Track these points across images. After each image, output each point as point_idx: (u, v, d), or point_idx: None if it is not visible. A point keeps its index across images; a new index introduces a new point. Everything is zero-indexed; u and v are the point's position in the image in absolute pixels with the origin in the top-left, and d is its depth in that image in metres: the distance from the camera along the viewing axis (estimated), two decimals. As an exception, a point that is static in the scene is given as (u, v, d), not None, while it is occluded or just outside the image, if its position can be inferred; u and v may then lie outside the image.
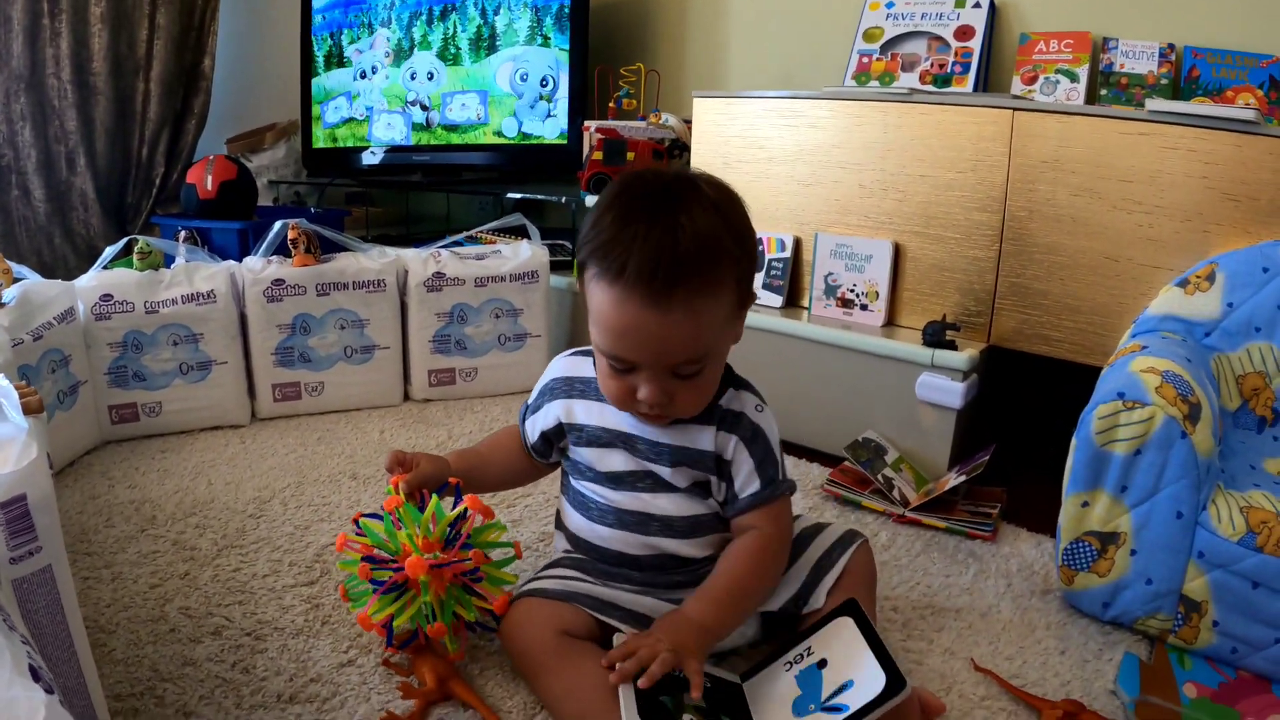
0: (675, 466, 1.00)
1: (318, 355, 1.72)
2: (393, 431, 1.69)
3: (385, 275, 1.74)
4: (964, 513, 1.39)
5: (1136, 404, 1.07)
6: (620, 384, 0.94)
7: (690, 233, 0.87)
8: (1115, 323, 1.44)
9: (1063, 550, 1.15)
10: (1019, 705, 0.98)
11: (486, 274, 1.83)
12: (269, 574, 1.17)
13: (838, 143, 1.69)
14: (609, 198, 0.93)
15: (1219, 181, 1.35)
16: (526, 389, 1.92)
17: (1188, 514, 1.06)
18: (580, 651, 0.93)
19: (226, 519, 1.32)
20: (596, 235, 0.90)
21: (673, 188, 0.91)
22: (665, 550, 1.02)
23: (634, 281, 0.86)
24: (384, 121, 2.70)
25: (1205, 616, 1.06)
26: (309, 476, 1.48)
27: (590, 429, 1.03)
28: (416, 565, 0.94)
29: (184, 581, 1.15)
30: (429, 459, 1.07)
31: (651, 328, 0.88)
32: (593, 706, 0.88)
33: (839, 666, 0.89)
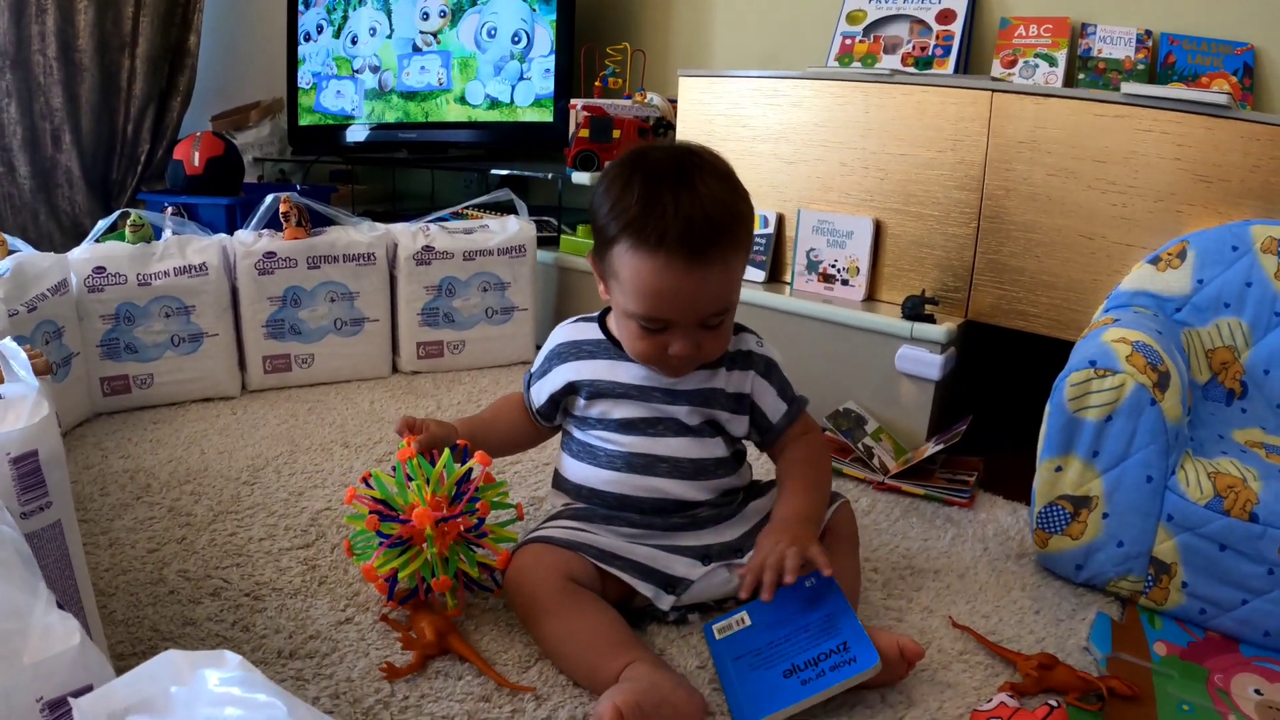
0: (692, 406, 1.05)
1: (308, 327, 1.72)
2: (382, 402, 1.70)
3: (375, 249, 1.75)
4: (942, 480, 1.42)
5: (1108, 372, 1.10)
6: (652, 343, 1.00)
7: (712, 198, 0.95)
8: (1089, 298, 1.47)
9: (1037, 514, 1.18)
10: (995, 659, 1.01)
11: (475, 248, 1.84)
12: (265, 538, 1.18)
13: (820, 122, 1.71)
14: (625, 175, 0.98)
15: (1191, 163, 1.38)
16: (514, 361, 1.97)
17: (1157, 478, 1.09)
18: (584, 597, 0.96)
19: (221, 486, 1.33)
20: (625, 211, 0.95)
21: (683, 160, 0.98)
22: (667, 493, 1.06)
23: (674, 247, 0.93)
24: (332, 89, 2.67)
25: (1174, 578, 1.10)
26: (301, 445, 1.49)
27: (601, 383, 1.07)
28: (424, 515, 0.95)
29: (181, 546, 1.16)
30: (438, 424, 1.10)
31: (690, 287, 0.95)
32: (593, 649, 0.91)
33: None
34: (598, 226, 1.00)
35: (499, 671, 0.93)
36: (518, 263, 1.89)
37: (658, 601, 1.00)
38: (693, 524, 1.07)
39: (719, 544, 1.05)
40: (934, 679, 0.97)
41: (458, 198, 2.56)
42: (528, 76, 2.33)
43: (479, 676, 0.92)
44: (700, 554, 1.04)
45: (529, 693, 0.90)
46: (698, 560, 1.03)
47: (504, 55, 2.35)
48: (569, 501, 1.11)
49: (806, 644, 0.91)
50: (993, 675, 0.98)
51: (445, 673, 0.93)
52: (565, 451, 1.13)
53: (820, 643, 0.90)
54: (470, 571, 1.01)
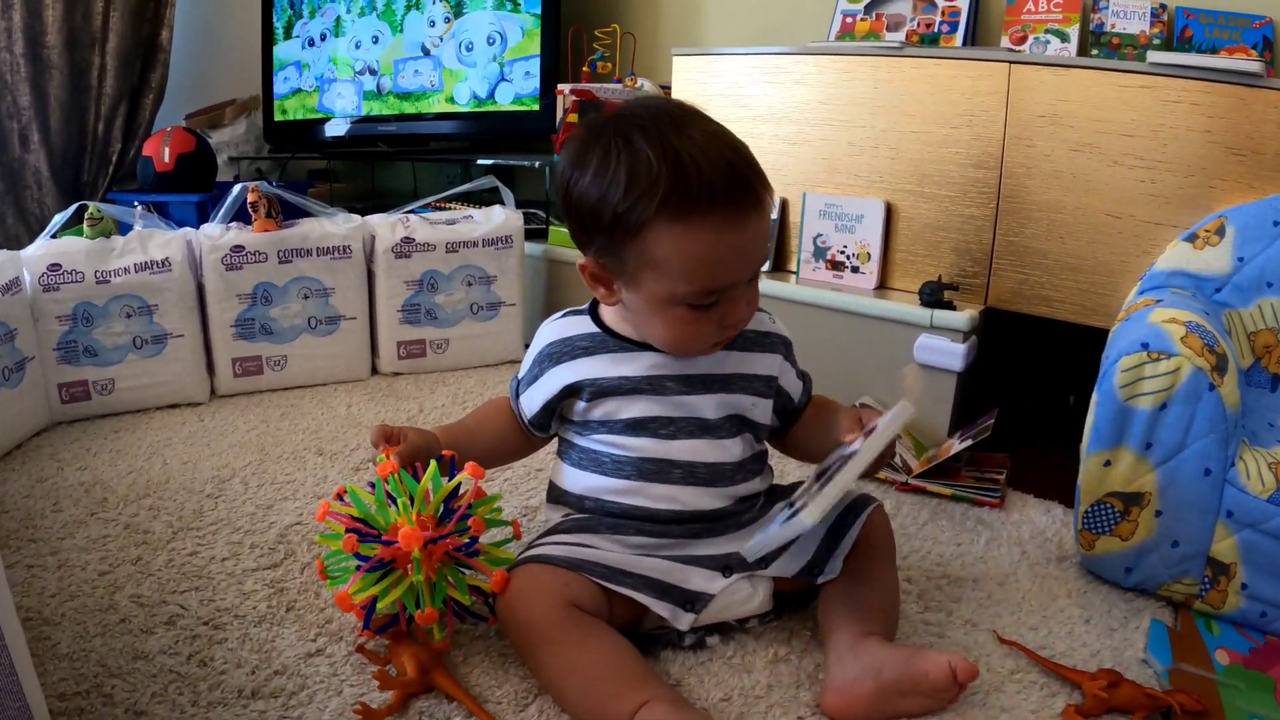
0: (713, 394, 0.93)
1: (280, 327, 1.57)
2: (360, 406, 1.56)
3: (351, 241, 1.60)
4: (969, 479, 1.29)
5: (1162, 355, 0.98)
6: (704, 322, 0.87)
7: (723, 136, 0.84)
8: (1118, 281, 1.35)
9: (1083, 513, 1.05)
10: (1050, 678, 0.88)
11: (458, 239, 1.70)
12: (228, 557, 1.04)
13: (825, 100, 1.58)
14: (616, 146, 0.83)
15: (1223, 135, 1.26)
16: (501, 361, 1.82)
17: (1216, 471, 0.97)
18: (589, 626, 0.82)
19: (183, 500, 1.19)
20: (650, 183, 0.80)
21: (662, 107, 0.86)
22: (681, 501, 0.92)
23: (727, 199, 0.81)
24: (335, 91, 2.55)
25: (1234, 579, 0.98)
26: (271, 454, 1.34)
27: (605, 381, 0.93)
28: (412, 536, 0.82)
29: (136, 568, 1.02)
30: (417, 432, 0.95)
31: (748, 239, 0.83)
32: (601, 686, 0.77)
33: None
34: (605, 219, 0.83)
35: (491, 711, 0.80)
36: (504, 254, 1.75)
37: (675, 621, 0.86)
38: (710, 531, 0.93)
39: (739, 553, 0.91)
40: (986, 703, 0.84)
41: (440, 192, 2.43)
42: (509, 78, 2.20)
43: (469, 718, 0.79)
44: (720, 564, 0.90)
45: (524, 736, 0.77)
46: (717, 572, 0.90)
47: (488, 61, 2.22)
48: (569, 513, 0.97)
49: None
50: (1049, 696, 0.85)
51: (429, 714, 0.80)
52: (564, 461, 0.99)
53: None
54: (461, 598, 0.86)
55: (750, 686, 0.85)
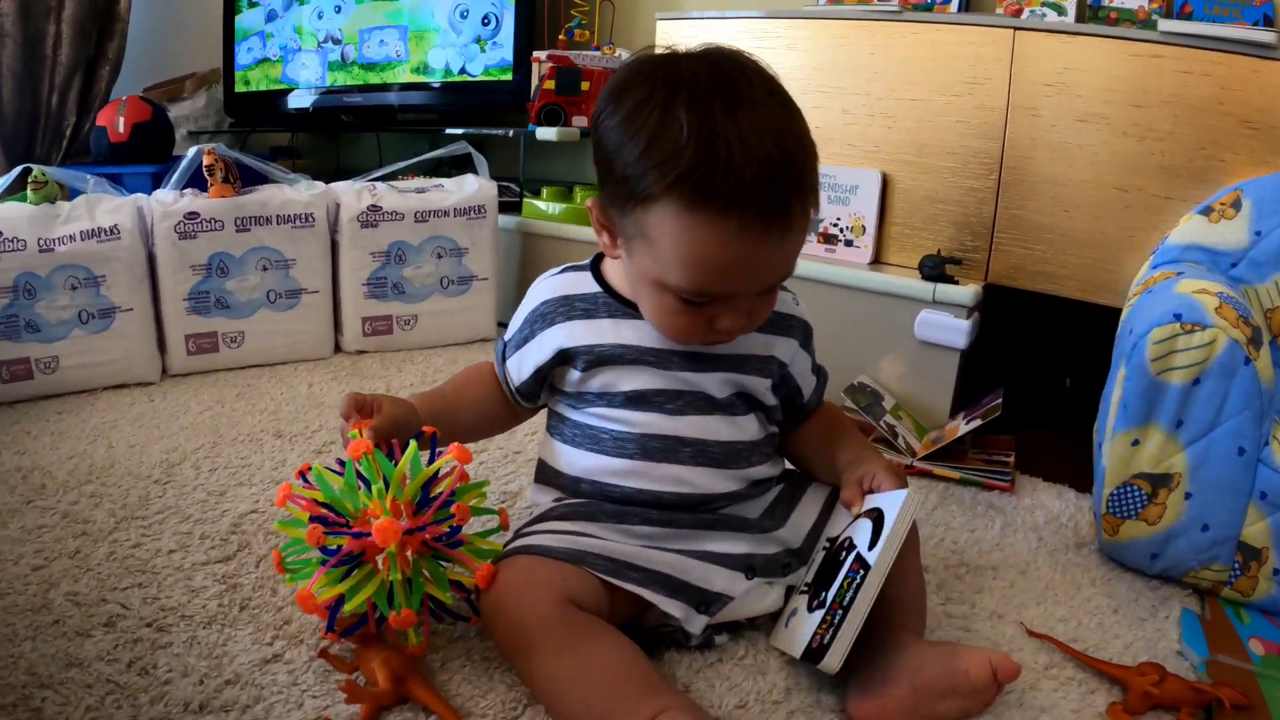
0: (723, 373, 0.83)
1: (237, 300, 1.44)
2: (322, 386, 1.43)
3: (314, 209, 1.48)
4: (978, 461, 1.21)
5: (1196, 326, 0.90)
6: (694, 319, 0.76)
7: (780, 127, 0.70)
8: (1125, 257, 1.27)
9: (1107, 497, 0.97)
10: (1086, 673, 0.80)
11: (428, 208, 1.57)
12: (175, 549, 0.93)
13: (818, 65, 1.48)
14: (655, 98, 0.70)
15: (1236, 107, 1.18)
16: (473, 339, 1.70)
17: (1250, 450, 0.90)
18: (591, 626, 0.71)
19: (128, 486, 1.06)
20: (671, 155, 0.68)
21: (727, 71, 0.71)
22: (692, 483, 0.82)
23: (751, 206, 0.68)
24: (299, 62, 2.40)
25: (1265, 564, 0.91)
26: (225, 436, 1.22)
27: (604, 348, 0.82)
28: (388, 531, 0.70)
29: (74, 562, 0.89)
30: (392, 402, 0.83)
31: (764, 254, 0.71)
32: (607, 696, 0.67)
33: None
34: (616, 172, 0.72)
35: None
36: (476, 225, 1.63)
37: (687, 624, 0.76)
38: (724, 523, 0.83)
39: (763, 555, 0.81)
40: (1023, 702, 0.76)
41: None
42: (487, 51, 2.08)
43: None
44: (743, 565, 0.79)
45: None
46: (740, 573, 0.79)
47: (471, 39, 2.09)
48: (562, 497, 0.86)
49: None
50: (1088, 693, 0.78)
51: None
52: (556, 438, 0.88)
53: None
54: (441, 596, 0.75)
55: (767, 690, 0.75)
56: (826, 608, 0.74)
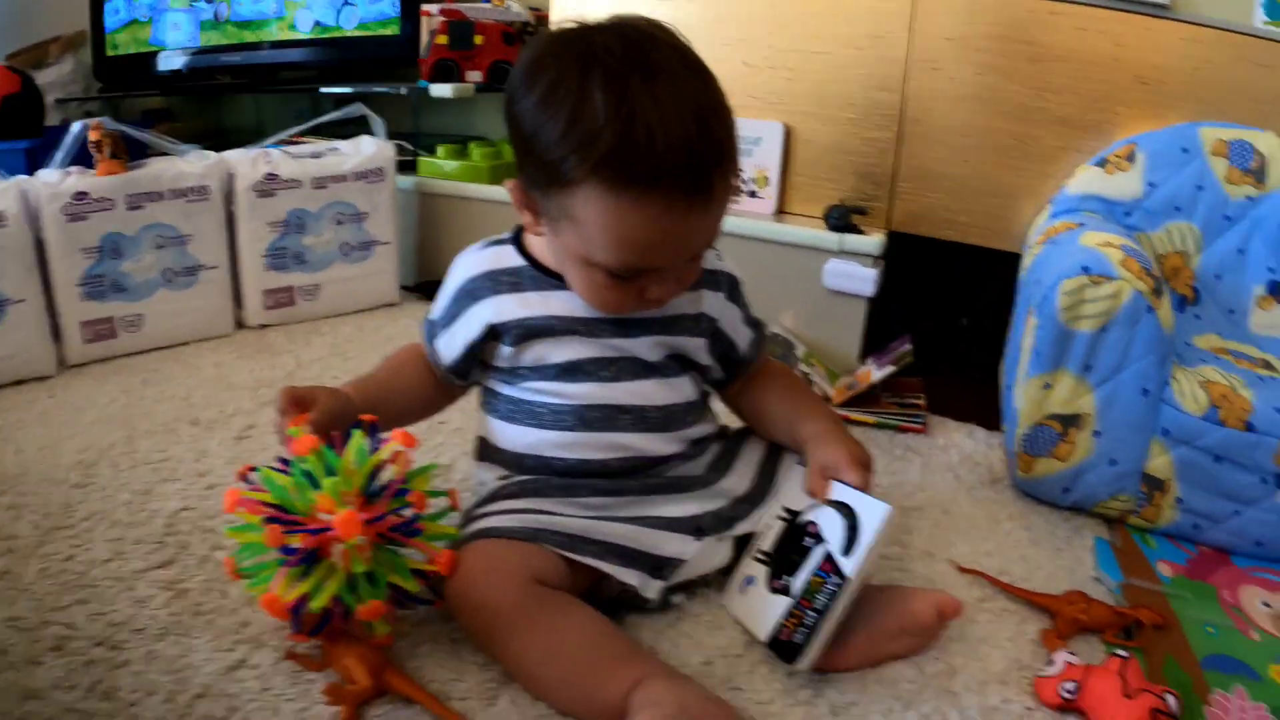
0: (653, 336, 0.83)
1: (133, 282, 1.33)
2: (230, 365, 1.35)
3: (208, 180, 1.37)
4: (891, 406, 1.26)
5: (1103, 278, 0.95)
6: (624, 292, 0.76)
7: (700, 99, 0.69)
8: (1022, 205, 1.33)
9: (1021, 436, 1.03)
10: (1017, 603, 0.86)
11: (326, 173, 1.49)
12: (110, 558, 0.86)
13: (719, 16, 1.47)
14: (569, 75, 0.68)
15: (1130, 64, 1.25)
16: (377, 304, 1.63)
17: (1154, 391, 0.96)
18: (559, 603, 0.71)
19: (46, 493, 0.98)
20: (591, 138, 0.66)
21: (639, 43, 0.69)
22: (635, 449, 0.83)
23: (675, 184, 0.67)
24: (169, 22, 2.21)
25: (1168, 494, 0.98)
26: (140, 428, 1.14)
27: (534, 321, 0.81)
28: (350, 523, 0.68)
29: (4, 583, 0.82)
30: (328, 394, 0.80)
31: (689, 227, 0.71)
32: (585, 669, 0.68)
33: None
34: (536, 155, 0.71)
35: (461, 710, 0.69)
36: (376, 189, 1.55)
37: (644, 590, 0.77)
38: (672, 485, 0.84)
39: (710, 513, 0.83)
40: (963, 636, 0.81)
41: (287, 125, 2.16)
42: (352, 4, 1.94)
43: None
44: (690, 527, 0.82)
45: (503, 738, 0.67)
46: (689, 535, 0.81)
47: None
48: (507, 474, 0.85)
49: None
50: (1020, 621, 0.84)
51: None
52: (492, 415, 0.86)
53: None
54: (406, 584, 0.73)
55: (727, 645, 0.78)
56: (794, 600, 0.75)
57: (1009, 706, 0.73)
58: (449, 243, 1.67)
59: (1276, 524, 0.95)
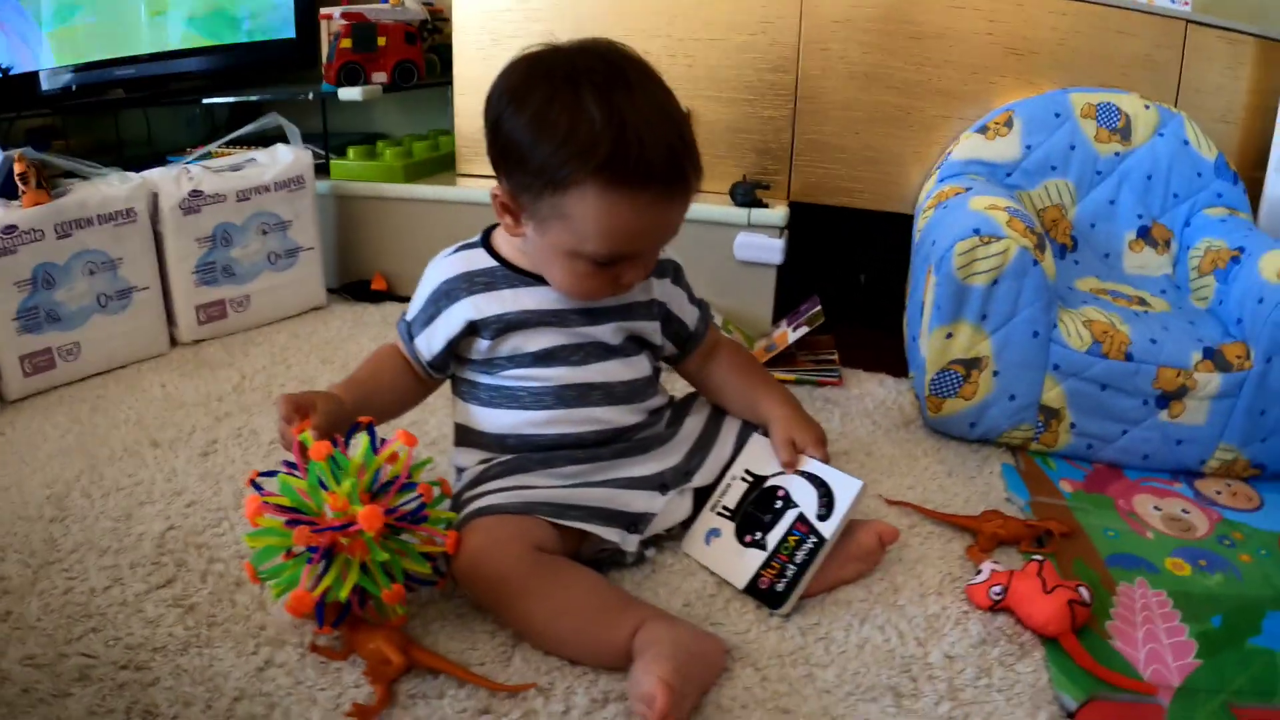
0: (615, 323, 0.91)
1: (68, 311, 1.30)
2: (175, 383, 1.35)
3: (134, 202, 1.34)
4: (807, 363, 1.37)
5: (992, 238, 1.07)
6: (602, 279, 0.85)
7: (670, 107, 0.81)
8: (909, 170, 1.46)
9: (929, 381, 1.15)
10: (941, 526, 0.98)
11: (248, 185, 1.48)
12: (110, 585, 0.88)
13: (621, 9, 1.53)
14: (560, 93, 0.78)
15: (1003, 37, 1.38)
16: (306, 309, 1.65)
17: (1043, 333, 1.09)
18: (560, 566, 0.81)
19: (25, 531, 0.97)
20: (588, 145, 0.76)
21: (623, 63, 0.81)
22: (605, 421, 0.92)
23: (660, 181, 0.78)
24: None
25: (1063, 421, 1.12)
26: (100, 456, 1.13)
27: (510, 316, 0.89)
28: (373, 517, 0.73)
29: (9, 625, 0.82)
30: (324, 397, 0.86)
31: (669, 217, 0.83)
32: (592, 620, 0.77)
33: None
34: (532, 165, 0.79)
35: (482, 674, 0.76)
36: (297, 196, 1.55)
37: (624, 544, 0.87)
38: (636, 448, 0.94)
39: (670, 469, 0.93)
40: (901, 558, 0.93)
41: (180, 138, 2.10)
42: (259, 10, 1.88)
43: (463, 687, 0.74)
44: (656, 484, 0.92)
45: (529, 690, 0.74)
46: (655, 491, 0.91)
47: None
48: (489, 456, 0.92)
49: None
50: (948, 542, 0.96)
51: (423, 695, 0.74)
52: (471, 402, 0.93)
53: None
54: (418, 567, 0.79)
55: (701, 588, 0.87)
56: (770, 553, 0.86)
57: (947, 613, 0.84)
58: (369, 243, 1.68)
59: (1159, 440, 1.09)
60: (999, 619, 0.83)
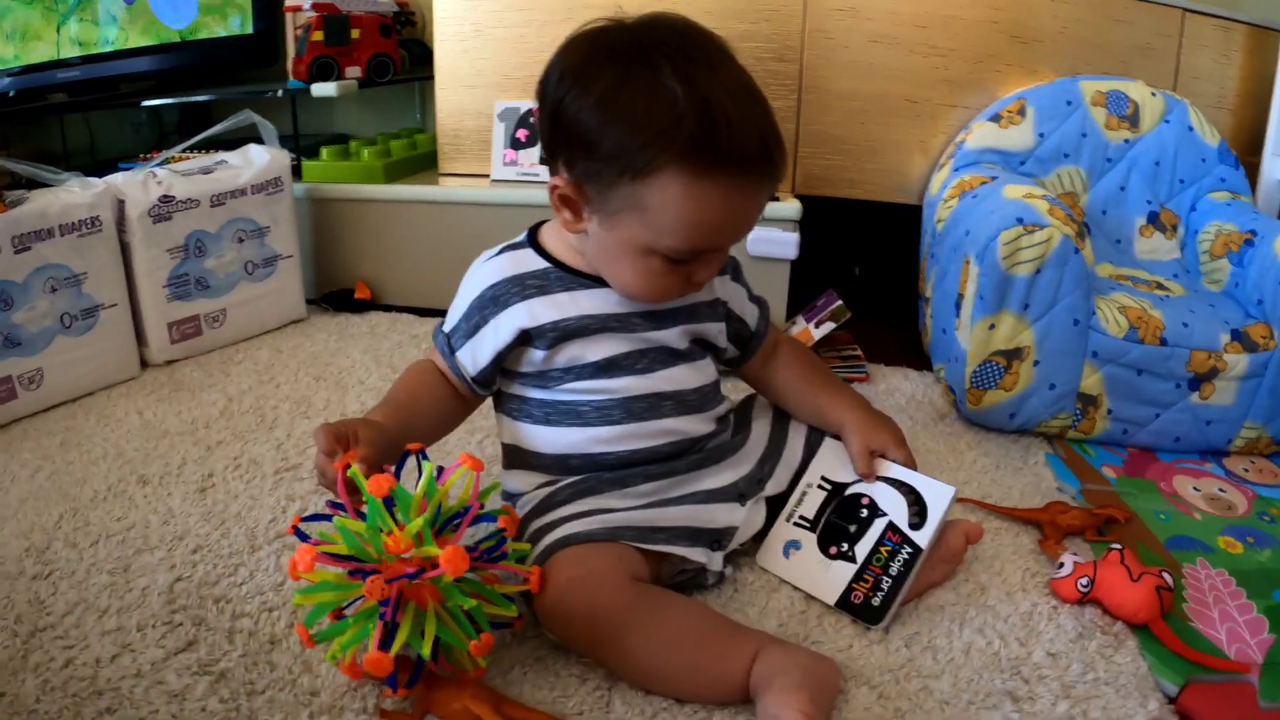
0: (681, 325, 0.82)
1: (27, 334, 1.14)
2: (153, 410, 1.20)
3: (99, 210, 1.18)
4: (832, 359, 1.31)
5: (1035, 227, 1.03)
6: (675, 278, 0.75)
7: (757, 92, 0.72)
8: (915, 161, 1.41)
9: (970, 374, 1.10)
10: (1006, 520, 0.94)
11: (223, 189, 1.33)
12: (119, 653, 0.74)
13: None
14: (635, 73, 0.68)
15: (1006, 25, 1.35)
16: (285, 322, 1.50)
17: (1082, 320, 1.06)
18: (661, 596, 0.72)
19: (5, 592, 0.83)
20: (671, 127, 0.66)
21: (700, 38, 0.72)
22: (680, 431, 0.83)
23: (749, 168, 0.69)
24: None
25: (1100, 407, 1.09)
26: (81, 498, 0.99)
27: (567, 322, 0.78)
28: (458, 558, 0.62)
29: (2, 709, 0.69)
30: (366, 425, 0.74)
31: (753, 207, 0.73)
32: (706, 650, 0.68)
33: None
34: (603, 151, 0.69)
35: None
36: (275, 200, 1.41)
37: (710, 565, 0.78)
38: (710, 458, 0.85)
39: (743, 478, 0.85)
40: (978, 556, 0.88)
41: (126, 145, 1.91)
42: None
43: (561, 744, 0.65)
44: (733, 495, 0.84)
45: (639, 736, 0.65)
46: (734, 502, 0.83)
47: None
48: (549, 479, 0.82)
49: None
50: (1015, 536, 0.91)
51: (517, 757, 0.64)
52: (524, 420, 0.83)
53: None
54: (504, 611, 0.69)
55: (789, 605, 0.80)
56: (860, 565, 0.80)
57: (1038, 609, 0.80)
58: (347, 249, 1.55)
59: (1190, 421, 1.08)
60: (1087, 611, 0.80)
